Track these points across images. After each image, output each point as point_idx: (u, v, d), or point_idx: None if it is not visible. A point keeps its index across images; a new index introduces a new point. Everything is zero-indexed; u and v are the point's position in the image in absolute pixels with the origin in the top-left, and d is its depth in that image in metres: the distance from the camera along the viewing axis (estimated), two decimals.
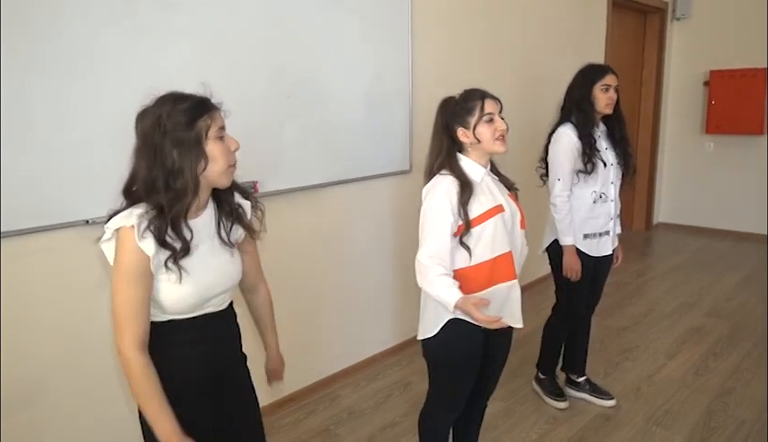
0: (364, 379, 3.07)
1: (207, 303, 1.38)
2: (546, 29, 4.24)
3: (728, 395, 2.85)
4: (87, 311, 2.08)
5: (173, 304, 1.33)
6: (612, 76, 2.47)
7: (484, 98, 1.82)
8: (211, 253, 1.37)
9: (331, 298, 2.99)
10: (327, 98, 2.76)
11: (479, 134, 1.80)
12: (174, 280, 1.29)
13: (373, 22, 2.92)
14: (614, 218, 2.60)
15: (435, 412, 2.02)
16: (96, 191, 2.02)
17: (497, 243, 1.79)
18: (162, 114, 1.26)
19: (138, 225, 1.24)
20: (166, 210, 1.25)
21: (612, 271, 2.81)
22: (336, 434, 2.62)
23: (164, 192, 1.25)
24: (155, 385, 1.28)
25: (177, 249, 1.27)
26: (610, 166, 2.52)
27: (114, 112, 2.03)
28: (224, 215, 1.41)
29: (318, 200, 2.83)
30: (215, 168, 1.29)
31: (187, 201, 1.27)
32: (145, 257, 1.25)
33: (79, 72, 1.94)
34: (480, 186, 1.82)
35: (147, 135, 1.26)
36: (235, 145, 1.34)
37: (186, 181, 1.25)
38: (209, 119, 1.28)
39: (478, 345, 1.87)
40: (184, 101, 1.28)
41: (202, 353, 1.40)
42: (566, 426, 2.64)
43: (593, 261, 2.59)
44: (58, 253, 1.98)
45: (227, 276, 1.41)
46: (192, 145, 1.25)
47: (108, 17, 1.98)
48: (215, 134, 1.29)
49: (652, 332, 3.62)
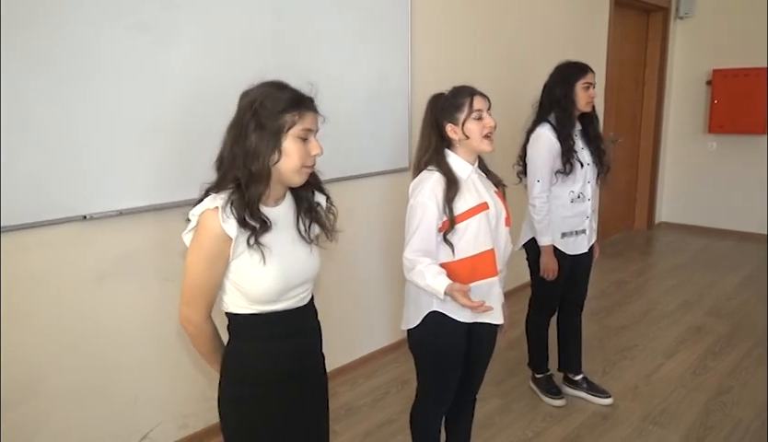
0: (361, 377, 3.08)
1: (291, 292, 1.39)
2: (547, 29, 4.23)
3: (726, 394, 2.85)
4: (83, 306, 2.09)
5: (259, 289, 1.33)
6: (592, 74, 2.50)
7: (474, 95, 1.83)
8: (292, 241, 1.39)
9: (329, 296, 2.99)
10: (326, 96, 2.73)
11: (467, 131, 1.81)
12: (258, 261, 1.30)
13: (373, 21, 2.92)
14: (591, 216, 2.62)
15: (423, 407, 2.04)
16: (94, 187, 2.04)
17: (480, 240, 1.81)
18: (258, 97, 1.29)
19: (223, 207, 1.27)
20: (243, 188, 1.28)
21: (612, 270, 2.83)
22: (333, 430, 2.59)
23: (242, 170, 1.28)
24: (222, 343, 1.44)
25: (257, 227, 1.29)
26: (587, 165, 2.54)
27: (113, 110, 2.05)
28: (303, 211, 1.44)
29: None
30: (287, 163, 1.30)
31: (261, 186, 1.29)
32: (227, 239, 1.27)
33: (79, 70, 1.95)
34: (466, 183, 1.83)
35: (241, 113, 1.30)
36: (317, 150, 1.34)
37: (260, 166, 1.27)
38: (298, 116, 1.30)
39: (460, 338, 1.89)
40: (282, 91, 1.31)
41: (287, 347, 1.42)
42: (563, 424, 2.64)
43: (570, 260, 2.62)
44: (56, 248, 2.00)
45: (309, 266, 1.43)
46: (271, 134, 1.28)
47: (108, 15, 1.99)
48: (297, 133, 1.30)
49: (651, 331, 3.62)
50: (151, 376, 2.31)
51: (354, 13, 2.83)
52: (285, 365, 1.42)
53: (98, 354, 2.14)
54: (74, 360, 2.09)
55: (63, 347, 2.06)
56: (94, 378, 2.15)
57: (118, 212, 2.11)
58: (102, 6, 1.98)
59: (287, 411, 1.44)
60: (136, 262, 2.19)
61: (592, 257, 2.77)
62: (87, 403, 2.15)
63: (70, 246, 2.02)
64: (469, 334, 1.92)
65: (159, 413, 2.36)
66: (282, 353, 1.41)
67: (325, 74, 2.74)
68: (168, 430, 2.39)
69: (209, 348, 1.43)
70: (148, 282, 2.23)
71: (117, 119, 2.07)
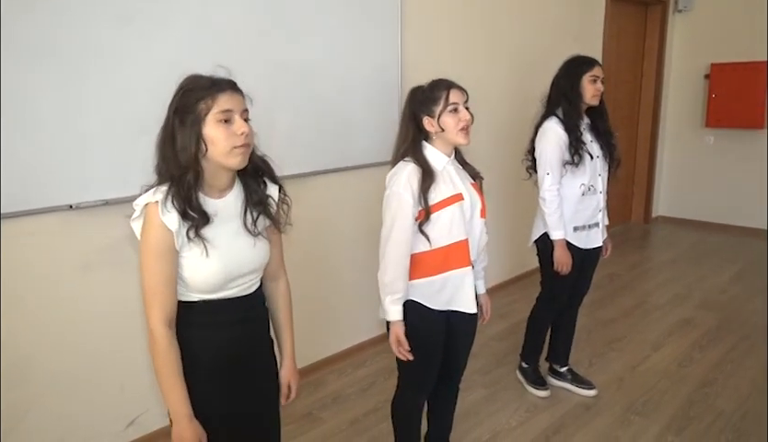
0: (350, 366, 3.12)
1: (234, 283, 1.40)
2: (543, 21, 4.24)
3: (710, 386, 2.87)
4: (70, 294, 2.13)
5: (200, 280, 1.35)
6: (600, 68, 2.49)
7: (450, 89, 1.85)
8: (235, 233, 1.39)
9: (320, 287, 3.04)
10: (317, 89, 2.80)
11: (443, 123, 1.83)
12: (199, 254, 1.32)
13: (363, 14, 2.94)
14: (602, 210, 2.62)
15: (403, 396, 2.08)
16: (80, 177, 2.07)
17: (454, 230, 1.85)
18: (177, 94, 1.31)
19: (163, 200, 1.28)
20: (177, 183, 1.29)
21: (606, 263, 2.83)
22: (319, 417, 2.67)
23: (174, 167, 1.30)
24: (175, 362, 1.33)
25: (196, 218, 1.30)
26: (596, 158, 2.54)
27: (101, 103, 2.09)
28: (251, 203, 1.43)
29: (307, 188, 2.87)
30: (215, 150, 1.29)
31: (190, 177, 1.29)
32: (169, 232, 1.29)
33: (67, 64, 1.99)
34: (441, 174, 1.86)
35: (168, 112, 1.32)
36: (242, 128, 1.30)
37: (188, 159, 1.28)
38: (211, 101, 1.28)
39: (438, 326, 1.93)
40: (196, 82, 1.31)
41: (229, 334, 1.42)
42: (546, 414, 2.68)
43: (582, 253, 2.61)
44: (42, 236, 2.04)
45: (252, 258, 1.42)
46: (191, 126, 1.28)
47: (97, 8, 2.03)
48: (214, 117, 1.28)
49: (641, 324, 3.64)
50: (137, 364, 2.35)
51: (343, 6, 2.85)
52: (230, 350, 1.42)
53: (84, 342, 2.19)
54: (61, 347, 2.14)
55: (50, 334, 2.11)
56: (81, 365, 2.20)
57: (104, 202, 2.14)
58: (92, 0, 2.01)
59: (236, 397, 1.45)
60: (122, 252, 2.22)
61: (601, 252, 2.74)
62: (75, 389, 2.19)
63: (56, 235, 2.07)
64: (448, 323, 1.96)
65: (146, 401, 2.40)
66: (226, 339, 1.42)
67: (315, 67, 2.77)
68: (155, 417, 2.44)
69: (162, 364, 1.32)
70: (134, 272, 2.25)
71: (104, 111, 2.10)
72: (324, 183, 2.95)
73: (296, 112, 2.72)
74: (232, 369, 1.43)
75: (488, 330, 3.51)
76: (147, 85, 2.18)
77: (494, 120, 3.84)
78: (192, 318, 1.38)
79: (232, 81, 1.34)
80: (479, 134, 3.27)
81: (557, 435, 2.52)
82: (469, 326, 2.03)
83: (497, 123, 3.88)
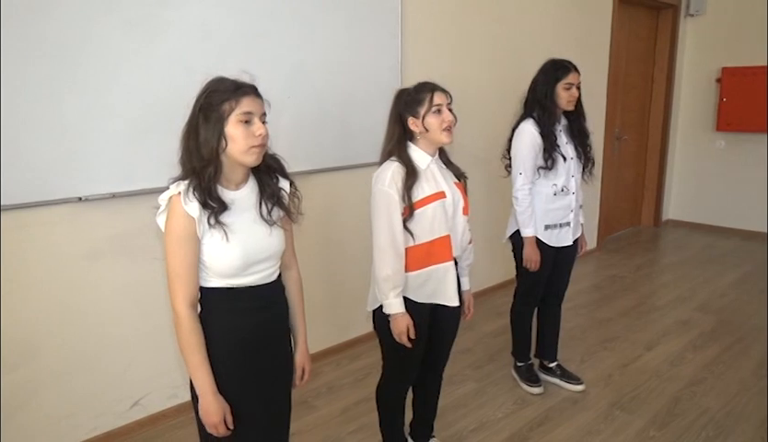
0: (346, 358, 3.23)
1: (253, 269, 1.51)
2: (547, 25, 4.30)
3: (698, 385, 2.92)
4: (78, 281, 2.29)
5: (222, 264, 1.45)
6: (575, 75, 2.56)
7: (434, 91, 1.95)
8: (252, 222, 1.52)
9: (319, 280, 3.16)
10: (319, 90, 2.93)
11: (427, 124, 1.93)
12: (221, 238, 1.43)
13: (363, 18, 3.06)
14: (576, 210, 2.70)
15: (387, 384, 2.19)
16: (89, 172, 2.23)
17: (436, 227, 1.94)
18: (203, 93, 1.45)
19: (184, 192, 1.42)
20: (199, 174, 1.42)
21: (610, 265, 2.90)
22: (313, 405, 2.79)
23: (197, 159, 1.43)
24: (199, 341, 1.45)
25: (215, 207, 1.43)
26: (570, 159, 2.62)
27: (109, 101, 2.24)
28: (265, 196, 1.56)
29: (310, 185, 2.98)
30: (234, 147, 1.43)
31: (211, 169, 1.43)
32: (191, 219, 1.41)
33: (77, 64, 2.15)
34: (425, 173, 1.96)
35: (193, 109, 1.45)
36: (260, 130, 1.44)
37: (210, 153, 1.42)
38: (235, 102, 1.42)
39: (422, 320, 2.02)
40: (220, 84, 1.45)
41: (250, 321, 1.54)
42: (533, 408, 2.75)
43: (553, 251, 2.70)
44: (53, 226, 2.20)
45: (269, 244, 1.54)
46: (215, 124, 1.42)
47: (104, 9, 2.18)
48: (237, 118, 1.42)
49: (637, 324, 3.68)
50: (141, 348, 2.50)
51: (344, 10, 2.97)
52: (250, 336, 1.53)
53: (91, 326, 2.34)
54: (68, 330, 2.30)
55: (58, 318, 2.27)
56: (87, 348, 2.35)
57: (111, 195, 2.30)
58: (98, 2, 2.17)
59: (253, 379, 1.56)
60: (127, 242, 2.38)
61: (576, 250, 2.84)
62: (81, 371, 2.35)
63: (66, 225, 2.23)
64: (432, 316, 2.06)
65: (149, 383, 2.55)
66: (247, 325, 1.53)
67: (316, 69, 2.90)
68: (158, 399, 2.59)
69: (186, 343, 1.44)
70: (138, 261, 2.42)
71: (112, 109, 2.25)
72: (326, 181, 3.08)
73: (298, 114, 2.85)
74: (251, 354, 1.54)
75: (484, 327, 3.60)
76: (152, 86, 2.34)
77: (493, 122, 3.91)
78: (215, 303, 1.50)
79: (254, 86, 1.48)
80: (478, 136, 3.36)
81: (541, 426, 2.60)
82: (452, 319, 2.12)
83: (497, 126, 3.95)
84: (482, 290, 4.07)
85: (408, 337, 1.96)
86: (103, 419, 2.44)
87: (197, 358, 1.45)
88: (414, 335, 1.97)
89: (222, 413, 1.47)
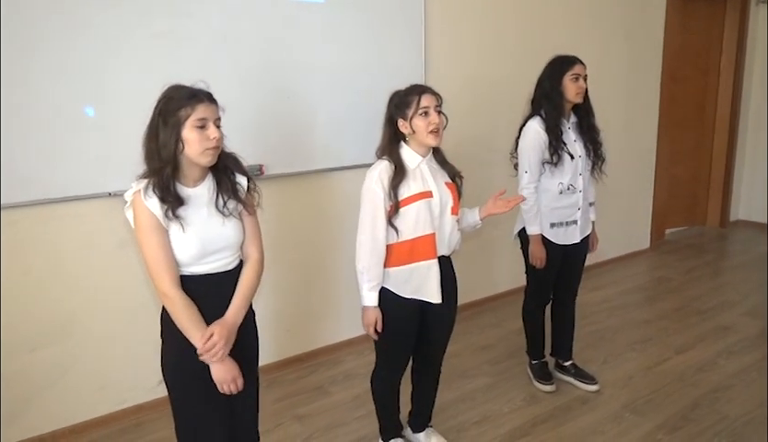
0: (368, 349, 3.34)
1: (211, 257, 1.65)
2: (592, 17, 4.17)
3: (723, 391, 2.80)
4: (107, 266, 2.56)
5: (180, 253, 1.60)
6: (581, 66, 2.54)
7: (422, 93, 2.01)
8: (208, 215, 1.68)
9: (342, 273, 3.29)
10: (332, 91, 3.06)
11: (414, 126, 2.01)
12: (177, 230, 1.58)
13: (385, 17, 3.16)
14: (584, 208, 2.67)
15: (379, 373, 2.29)
16: (118, 169, 2.48)
17: (420, 225, 2.02)
18: (162, 99, 1.62)
19: (144, 189, 1.60)
20: (158, 173, 1.58)
21: (658, 266, 2.84)
22: (328, 391, 2.93)
23: (157, 160, 1.60)
24: (195, 311, 1.61)
25: (173, 201, 1.59)
26: (578, 158, 2.59)
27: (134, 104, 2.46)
28: (222, 190, 1.71)
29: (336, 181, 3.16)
30: (190, 149, 1.59)
31: (169, 169, 1.59)
32: (152, 213, 1.58)
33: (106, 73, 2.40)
34: (413, 172, 2.04)
35: (153, 113, 1.62)
36: (214, 134, 1.57)
37: (168, 154, 1.58)
38: (190, 109, 1.58)
39: (407, 314, 2.11)
40: (178, 92, 1.61)
41: (212, 305, 1.69)
42: (541, 405, 2.75)
43: (561, 249, 2.68)
44: (85, 218, 2.47)
45: (226, 235, 1.69)
46: (172, 128, 1.58)
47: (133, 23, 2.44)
48: (192, 123, 1.58)
49: (673, 328, 3.55)
50: None
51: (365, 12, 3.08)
52: (209, 320, 1.64)
53: (120, 307, 2.61)
54: (100, 310, 2.57)
55: (90, 299, 2.54)
56: (117, 327, 2.62)
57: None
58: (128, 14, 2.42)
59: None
60: None
61: (586, 247, 2.82)
62: (110, 348, 2.62)
63: (97, 217, 2.49)
64: (421, 312, 2.14)
65: None
66: (205, 309, 1.65)
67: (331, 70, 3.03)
68: None
69: (184, 318, 1.59)
70: None
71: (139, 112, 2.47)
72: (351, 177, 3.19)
73: (308, 116, 2.99)
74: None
75: (510, 324, 3.60)
76: None
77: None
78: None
79: (209, 93, 1.63)
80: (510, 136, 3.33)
81: (544, 423, 2.60)
82: (440, 315, 2.18)
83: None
84: (512, 289, 4.03)
85: (375, 330, 2.06)
86: (133, 393, 2.70)
87: (199, 330, 1.60)
88: (381, 329, 2.07)
89: (234, 372, 1.65)
